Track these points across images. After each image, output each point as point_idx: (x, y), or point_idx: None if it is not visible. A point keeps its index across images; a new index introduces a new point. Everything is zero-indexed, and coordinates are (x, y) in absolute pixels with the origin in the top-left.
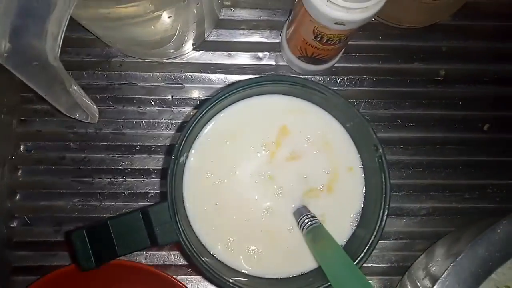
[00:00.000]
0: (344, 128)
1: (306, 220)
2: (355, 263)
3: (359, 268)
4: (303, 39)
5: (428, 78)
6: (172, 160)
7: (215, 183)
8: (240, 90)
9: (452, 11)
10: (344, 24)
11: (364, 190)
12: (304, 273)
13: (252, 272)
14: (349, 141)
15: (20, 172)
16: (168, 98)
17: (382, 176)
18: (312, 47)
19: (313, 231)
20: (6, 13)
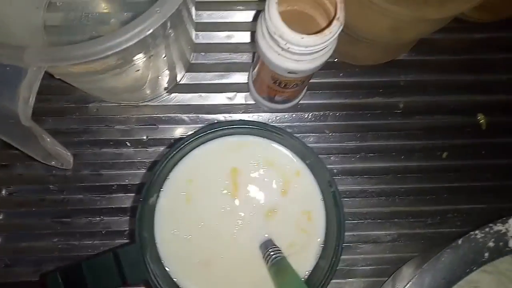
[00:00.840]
0: (305, 164)
1: (272, 253)
2: None
3: None
4: (265, 82)
5: (388, 110)
6: (140, 204)
7: (184, 222)
8: (200, 136)
9: (407, 49)
10: (296, 73)
11: (325, 224)
12: None
13: None
14: (310, 176)
15: (1, 215)
16: (143, 139)
17: (336, 211)
18: (273, 90)
19: (277, 264)
20: None
